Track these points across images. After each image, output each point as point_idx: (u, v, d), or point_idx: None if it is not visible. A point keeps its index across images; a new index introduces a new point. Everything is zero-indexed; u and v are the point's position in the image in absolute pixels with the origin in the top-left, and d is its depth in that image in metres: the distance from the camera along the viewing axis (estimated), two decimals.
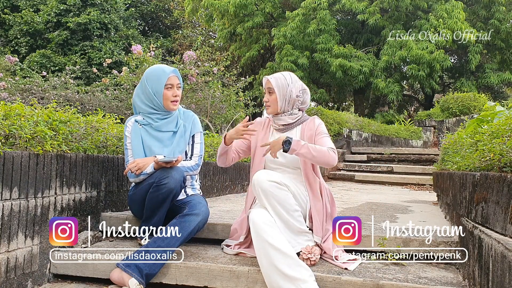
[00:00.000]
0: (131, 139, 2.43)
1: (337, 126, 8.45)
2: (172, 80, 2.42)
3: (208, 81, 7.01)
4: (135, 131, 2.43)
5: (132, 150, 2.41)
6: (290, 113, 2.29)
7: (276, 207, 2.05)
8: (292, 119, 2.29)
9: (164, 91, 2.40)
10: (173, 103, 2.43)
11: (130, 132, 2.45)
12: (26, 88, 7.01)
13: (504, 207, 1.45)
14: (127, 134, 2.46)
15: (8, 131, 2.00)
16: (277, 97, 2.24)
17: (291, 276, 1.85)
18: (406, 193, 5.69)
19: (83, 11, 15.43)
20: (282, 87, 2.24)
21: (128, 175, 2.40)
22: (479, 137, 2.31)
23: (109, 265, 2.14)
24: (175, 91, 2.43)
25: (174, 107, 2.44)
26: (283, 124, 2.30)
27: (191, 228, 2.17)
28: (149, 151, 2.39)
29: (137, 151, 2.39)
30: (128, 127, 2.47)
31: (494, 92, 17.95)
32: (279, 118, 2.30)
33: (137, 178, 2.35)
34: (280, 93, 2.24)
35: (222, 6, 14.66)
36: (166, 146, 2.42)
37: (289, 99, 2.26)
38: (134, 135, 2.42)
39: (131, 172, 2.32)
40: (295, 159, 2.25)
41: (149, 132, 2.43)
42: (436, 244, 2.21)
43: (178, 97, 2.44)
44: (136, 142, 2.40)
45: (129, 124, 2.48)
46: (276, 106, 2.26)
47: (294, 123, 2.30)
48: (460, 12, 12.86)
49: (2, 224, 1.88)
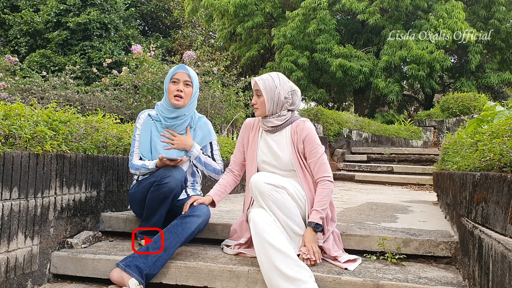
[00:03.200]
0: (141, 131, 2.46)
1: (337, 126, 8.45)
2: (179, 75, 2.42)
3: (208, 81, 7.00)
4: (146, 124, 2.47)
5: (140, 142, 2.44)
6: (278, 115, 2.23)
7: (274, 209, 2.04)
8: (280, 121, 2.24)
9: (169, 85, 2.42)
10: (175, 98, 2.40)
11: (141, 124, 2.48)
12: (26, 88, 7.01)
13: (504, 207, 1.44)
14: (138, 126, 2.49)
15: (8, 131, 1.99)
16: (264, 99, 2.20)
17: (291, 276, 1.85)
18: (406, 193, 5.69)
19: (83, 11, 15.43)
20: (270, 89, 2.19)
21: (130, 166, 2.44)
22: (479, 137, 2.31)
23: (109, 265, 2.14)
24: (180, 86, 2.41)
25: (176, 102, 2.40)
26: (272, 126, 2.26)
27: (191, 230, 2.17)
28: (154, 148, 2.42)
29: (143, 144, 2.42)
30: (140, 119, 2.51)
31: (494, 92, 17.96)
32: (267, 120, 2.26)
33: (137, 170, 2.38)
34: (268, 95, 2.19)
35: (222, 6, 14.67)
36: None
37: (277, 101, 2.21)
38: (145, 128, 2.46)
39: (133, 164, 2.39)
40: (287, 162, 2.22)
41: (158, 129, 2.46)
42: (436, 244, 2.21)
43: (181, 93, 2.40)
44: (145, 135, 2.44)
45: (142, 116, 2.51)
46: (264, 108, 2.22)
47: (282, 124, 2.25)
48: (460, 12, 12.87)
49: (2, 224, 1.88)
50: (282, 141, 2.25)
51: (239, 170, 2.43)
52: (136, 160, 2.42)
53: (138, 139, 2.46)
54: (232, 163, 2.44)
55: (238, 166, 2.43)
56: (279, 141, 2.26)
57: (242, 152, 2.41)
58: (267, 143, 2.28)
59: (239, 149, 2.42)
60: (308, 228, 2.09)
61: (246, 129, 2.40)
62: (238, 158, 2.42)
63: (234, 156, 2.44)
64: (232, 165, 2.44)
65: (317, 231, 2.08)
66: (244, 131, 2.40)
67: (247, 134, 2.38)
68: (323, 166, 2.20)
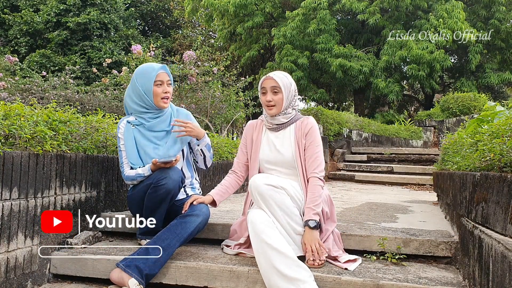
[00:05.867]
0: (124, 141, 2.38)
1: (337, 126, 8.45)
2: (161, 76, 2.39)
3: (208, 81, 7.01)
4: (128, 132, 2.38)
5: (126, 151, 2.37)
6: (285, 113, 2.26)
7: (274, 209, 2.04)
8: (286, 119, 2.27)
9: (154, 88, 2.37)
10: (163, 100, 2.39)
11: (123, 134, 2.40)
12: (26, 88, 7.01)
13: (504, 207, 1.44)
14: (120, 136, 2.41)
15: (8, 131, 1.99)
16: (283, 96, 2.21)
17: (290, 277, 1.85)
18: (406, 193, 5.68)
19: (83, 11, 15.43)
20: (286, 86, 2.23)
21: (124, 178, 2.37)
22: (479, 137, 2.31)
23: (109, 265, 2.13)
24: (165, 87, 2.39)
25: (164, 104, 2.40)
26: (278, 123, 2.28)
27: (191, 229, 2.17)
28: (143, 152, 2.35)
29: (130, 153, 2.35)
30: (120, 129, 2.42)
31: (494, 92, 17.97)
32: (275, 118, 2.27)
33: (133, 180, 2.33)
34: (285, 92, 2.22)
35: (222, 6, 14.67)
36: (160, 145, 2.39)
37: (291, 98, 2.26)
38: (127, 136, 2.38)
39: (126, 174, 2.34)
40: (289, 159, 2.23)
41: (142, 133, 2.39)
42: (436, 244, 2.21)
43: (168, 94, 2.40)
44: (130, 143, 2.36)
45: (122, 125, 2.43)
46: (281, 106, 2.23)
47: (287, 122, 2.28)
48: (460, 12, 12.87)
49: (2, 224, 1.88)
50: (286, 138, 2.28)
51: (242, 172, 2.43)
52: (128, 171, 2.35)
53: (124, 149, 2.38)
54: (235, 164, 2.45)
55: (241, 167, 2.43)
56: (282, 138, 2.28)
57: (245, 153, 2.41)
58: (270, 141, 2.30)
59: (242, 150, 2.42)
60: (305, 228, 2.08)
61: (250, 130, 2.40)
62: (241, 159, 2.42)
63: (238, 157, 2.44)
64: (235, 167, 2.44)
65: (314, 228, 2.06)
66: (247, 132, 2.41)
67: (250, 135, 2.39)
68: (317, 161, 2.20)
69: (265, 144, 2.31)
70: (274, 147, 2.27)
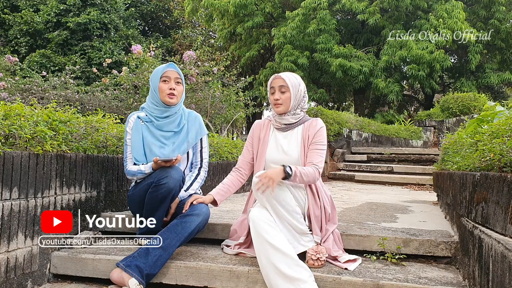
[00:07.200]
0: (132, 135, 2.41)
1: (337, 126, 8.45)
2: (168, 73, 2.42)
3: (208, 81, 7.01)
4: (137, 128, 2.41)
5: (132, 146, 2.39)
6: (294, 113, 2.29)
7: (277, 208, 2.04)
8: (294, 119, 2.30)
9: (160, 84, 2.40)
10: (169, 96, 2.40)
11: (131, 128, 2.43)
12: (26, 88, 7.02)
13: (504, 207, 1.44)
14: (128, 130, 2.44)
15: (8, 131, 2.00)
16: (291, 95, 2.24)
17: (290, 276, 1.85)
18: (406, 193, 5.68)
19: (83, 11, 15.43)
20: (294, 86, 2.25)
21: (126, 172, 2.40)
22: (479, 137, 2.31)
23: (109, 265, 2.14)
24: (172, 84, 2.41)
25: (170, 100, 2.41)
26: (286, 123, 2.30)
27: (191, 229, 2.17)
28: (149, 150, 2.38)
29: (136, 148, 2.37)
30: (129, 123, 2.45)
31: (494, 92, 17.97)
32: (283, 118, 2.30)
33: (134, 176, 2.35)
34: (294, 91, 2.24)
35: (222, 6, 14.67)
36: (166, 145, 2.41)
37: (299, 98, 2.27)
38: (135, 131, 2.41)
39: (129, 169, 2.35)
40: (295, 159, 2.25)
41: (150, 130, 2.42)
42: (436, 244, 2.21)
43: (174, 91, 2.41)
44: (136, 139, 2.39)
45: (131, 119, 2.46)
46: (288, 105, 2.25)
47: (296, 123, 2.31)
48: (460, 12, 12.87)
49: (2, 224, 1.88)
50: (293, 138, 2.29)
51: (246, 170, 2.43)
52: (131, 166, 2.38)
53: (130, 143, 2.41)
54: (239, 162, 2.45)
55: (246, 165, 2.43)
56: (289, 138, 2.30)
57: (250, 152, 2.42)
58: (277, 140, 2.31)
59: (248, 149, 2.43)
60: (279, 168, 2.03)
61: (257, 129, 2.41)
62: (246, 157, 2.43)
63: (242, 155, 2.44)
64: (239, 164, 2.44)
65: (285, 171, 2.01)
66: (254, 130, 2.42)
67: (257, 133, 2.39)
68: (319, 156, 2.21)
69: (273, 143, 2.32)
70: (281, 148, 2.28)
